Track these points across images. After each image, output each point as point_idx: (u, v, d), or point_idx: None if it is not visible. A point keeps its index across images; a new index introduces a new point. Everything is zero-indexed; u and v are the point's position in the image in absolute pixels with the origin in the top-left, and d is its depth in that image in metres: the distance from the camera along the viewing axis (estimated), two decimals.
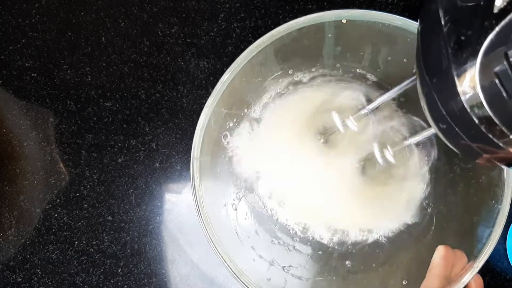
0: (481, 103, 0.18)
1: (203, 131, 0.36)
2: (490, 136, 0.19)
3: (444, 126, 0.21)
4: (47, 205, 0.49)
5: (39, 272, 0.48)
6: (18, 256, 0.48)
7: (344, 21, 0.36)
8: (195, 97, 0.49)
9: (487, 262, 0.46)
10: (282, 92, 0.43)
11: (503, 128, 0.18)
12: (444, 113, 0.21)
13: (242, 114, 0.41)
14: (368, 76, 0.42)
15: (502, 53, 0.16)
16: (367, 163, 0.40)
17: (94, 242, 0.48)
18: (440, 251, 0.37)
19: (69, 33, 0.50)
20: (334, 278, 0.41)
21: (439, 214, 0.41)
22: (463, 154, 0.23)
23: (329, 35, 0.38)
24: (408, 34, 0.36)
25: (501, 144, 0.19)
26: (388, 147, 0.36)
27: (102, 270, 0.48)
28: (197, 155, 0.36)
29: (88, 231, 0.48)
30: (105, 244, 0.48)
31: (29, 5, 0.50)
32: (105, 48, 0.50)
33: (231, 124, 0.41)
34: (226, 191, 0.42)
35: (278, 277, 0.40)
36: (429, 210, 0.42)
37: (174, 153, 0.49)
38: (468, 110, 0.19)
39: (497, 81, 0.17)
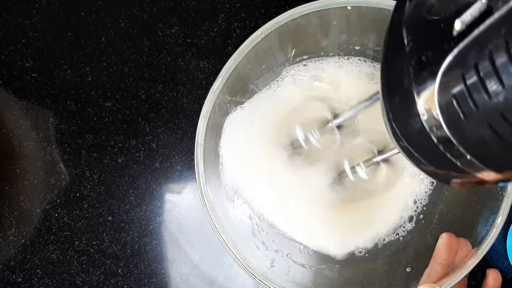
0: (440, 123, 0.18)
1: (207, 117, 0.36)
2: (448, 155, 0.19)
3: (405, 145, 0.21)
4: (47, 205, 0.49)
5: (39, 272, 0.48)
6: (18, 256, 0.48)
7: (349, 7, 0.36)
8: (195, 97, 0.49)
9: (487, 262, 0.46)
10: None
11: (460, 148, 0.18)
12: (404, 132, 0.21)
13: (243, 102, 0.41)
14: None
15: (459, 75, 0.17)
16: (344, 178, 0.39)
17: (94, 242, 0.48)
18: (444, 239, 0.37)
19: (69, 33, 0.50)
20: (338, 266, 0.41)
21: (443, 203, 0.41)
22: (429, 176, 0.23)
23: (334, 23, 0.38)
24: None
25: (459, 165, 0.19)
26: (360, 163, 0.36)
27: (102, 270, 0.48)
28: (201, 141, 0.36)
29: (88, 231, 0.48)
30: (105, 244, 0.48)
31: (29, 5, 0.50)
32: (105, 48, 0.50)
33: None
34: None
35: (281, 264, 0.40)
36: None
37: (174, 153, 0.49)
38: (427, 130, 0.19)
39: (454, 102, 0.17)
